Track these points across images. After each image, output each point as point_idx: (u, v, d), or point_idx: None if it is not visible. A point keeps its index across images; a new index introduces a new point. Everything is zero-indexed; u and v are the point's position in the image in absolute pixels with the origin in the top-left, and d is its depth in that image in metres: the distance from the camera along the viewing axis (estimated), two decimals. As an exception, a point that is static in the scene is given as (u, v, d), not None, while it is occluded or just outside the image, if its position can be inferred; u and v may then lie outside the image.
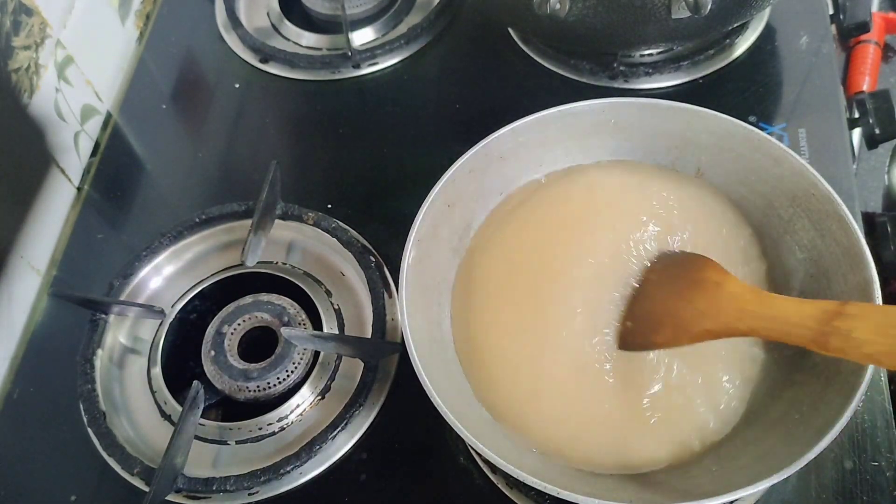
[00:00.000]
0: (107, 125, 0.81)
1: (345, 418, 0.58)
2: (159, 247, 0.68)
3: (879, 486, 0.53)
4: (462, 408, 0.50)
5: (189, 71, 0.85)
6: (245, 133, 0.79)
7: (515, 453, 0.49)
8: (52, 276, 0.71)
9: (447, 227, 0.56)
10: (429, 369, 0.48)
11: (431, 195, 0.54)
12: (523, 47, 0.80)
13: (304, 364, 0.61)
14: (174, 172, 0.77)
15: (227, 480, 0.56)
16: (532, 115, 0.56)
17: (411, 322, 0.50)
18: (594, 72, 0.76)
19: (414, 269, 0.52)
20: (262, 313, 0.62)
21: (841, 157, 0.68)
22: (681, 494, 0.46)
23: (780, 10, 0.79)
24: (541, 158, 0.59)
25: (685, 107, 0.56)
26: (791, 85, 0.74)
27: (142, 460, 0.57)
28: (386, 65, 0.81)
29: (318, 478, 0.58)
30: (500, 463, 0.44)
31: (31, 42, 0.70)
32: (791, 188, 0.53)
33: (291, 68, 0.82)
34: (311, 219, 0.68)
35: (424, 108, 0.79)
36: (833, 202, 0.50)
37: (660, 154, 0.58)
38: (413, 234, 0.52)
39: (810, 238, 0.53)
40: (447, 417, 0.46)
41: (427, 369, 0.48)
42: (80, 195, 0.76)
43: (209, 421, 0.60)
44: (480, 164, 0.56)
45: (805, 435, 0.45)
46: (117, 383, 0.63)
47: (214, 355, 0.61)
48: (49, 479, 0.60)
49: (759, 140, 0.54)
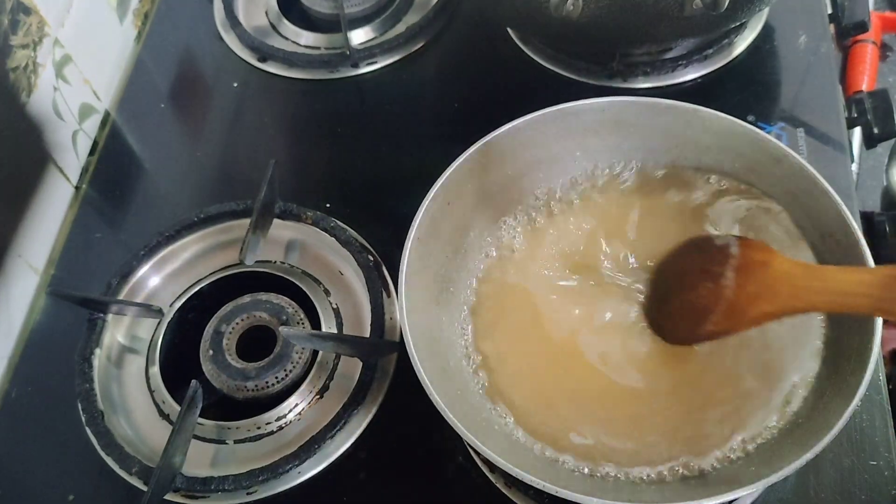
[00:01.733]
0: (105, 124, 0.81)
1: (343, 417, 0.57)
2: (158, 246, 0.68)
3: (878, 485, 0.53)
4: (461, 407, 0.50)
5: (187, 70, 0.85)
6: (243, 132, 0.79)
7: (515, 453, 0.49)
8: (49, 275, 0.71)
9: (447, 225, 0.56)
10: (428, 368, 0.48)
11: (431, 193, 0.54)
12: (522, 47, 0.80)
13: (303, 363, 0.61)
14: (172, 171, 0.77)
15: (226, 480, 0.56)
16: (531, 114, 0.56)
17: (410, 321, 0.49)
18: (593, 71, 0.76)
19: (413, 267, 0.52)
20: (261, 312, 0.62)
21: (839, 157, 0.68)
22: (680, 493, 0.46)
23: (779, 10, 0.79)
24: (540, 157, 0.59)
25: (685, 105, 0.56)
26: (790, 84, 0.74)
27: (140, 459, 0.57)
28: (384, 64, 0.81)
29: (317, 477, 0.58)
30: (499, 462, 0.44)
31: (29, 41, 0.70)
32: (790, 187, 0.53)
33: (290, 67, 0.82)
34: (309, 218, 0.68)
35: (423, 108, 0.79)
36: (832, 200, 0.50)
37: (659, 153, 0.58)
38: (412, 232, 0.52)
39: (809, 237, 0.53)
40: (447, 416, 0.45)
41: (426, 368, 0.47)
42: (78, 194, 0.76)
43: (207, 420, 0.60)
44: (480, 163, 0.56)
45: (804, 435, 0.45)
46: (115, 383, 0.63)
47: (213, 354, 0.60)
48: (47, 478, 0.60)
49: (759, 139, 0.54)
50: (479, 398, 0.52)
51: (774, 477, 0.42)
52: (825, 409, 0.46)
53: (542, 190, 0.60)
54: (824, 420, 0.44)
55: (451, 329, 0.55)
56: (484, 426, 0.50)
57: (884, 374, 0.57)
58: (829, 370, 0.48)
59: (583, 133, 0.58)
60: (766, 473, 0.42)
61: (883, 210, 0.72)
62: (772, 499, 0.54)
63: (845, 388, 0.45)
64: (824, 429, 0.43)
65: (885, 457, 0.54)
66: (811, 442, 0.43)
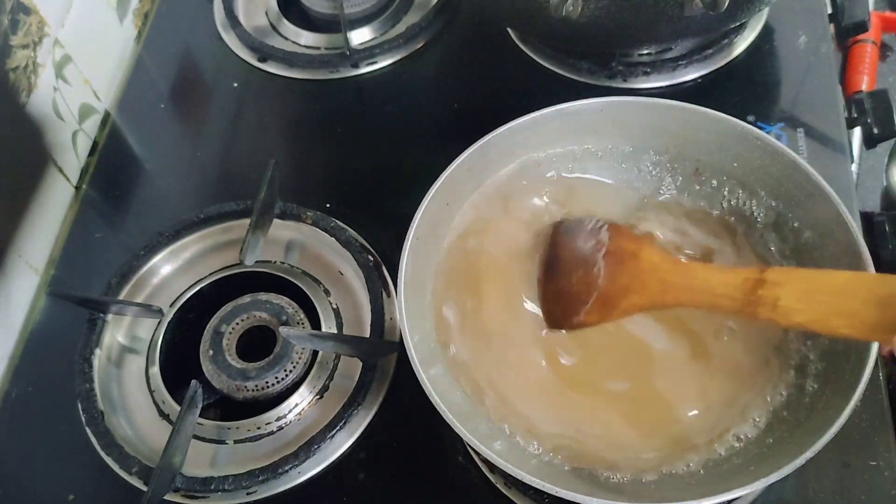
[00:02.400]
0: (105, 124, 0.81)
1: (343, 418, 0.57)
2: (157, 246, 0.68)
3: (877, 485, 0.53)
4: (461, 408, 0.50)
5: (187, 70, 0.85)
6: (243, 132, 0.79)
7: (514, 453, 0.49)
8: (50, 275, 0.71)
9: (445, 225, 0.56)
10: (427, 369, 0.48)
11: (429, 194, 0.54)
12: (522, 46, 0.80)
13: (303, 363, 0.61)
14: (173, 171, 0.77)
15: (226, 480, 0.56)
16: (530, 114, 0.56)
17: (409, 322, 0.50)
18: (592, 71, 0.76)
19: (412, 267, 0.52)
20: (261, 312, 0.62)
21: (839, 157, 0.68)
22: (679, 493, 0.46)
23: (779, 10, 0.79)
24: (539, 157, 0.59)
25: (683, 105, 0.56)
26: (789, 84, 0.74)
27: (140, 459, 0.57)
28: (384, 64, 0.81)
29: (317, 477, 0.58)
30: (499, 462, 0.44)
31: (29, 41, 0.70)
32: (789, 187, 0.53)
33: (290, 67, 0.82)
34: (309, 218, 0.68)
35: (423, 108, 0.79)
36: (832, 201, 0.50)
37: (658, 153, 0.58)
38: (411, 233, 0.52)
39: (808, 236, 0.53)
40: (447, 417, 0.46)
41: (426, 369, 0.48)
42: (78, 194, 0.76)
43: (207, 420, 0.60)
44: (478, 163, 0.56)
45: (805, 434, 0.45)
46: (115, 383, 0.63)
47: (213, 354, 0.60)
48: (47, 478, 0.60)
49: (758, 139, 0.54)
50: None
51: (775, 475, 0.42)
52: (825, 409, 0.46)
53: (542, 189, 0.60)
54: (824, 419, 0.44)
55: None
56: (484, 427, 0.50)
57: (884, 374, 0.57)
58: (829, 369, 0.48)
59: (582, 132, 0.58)
60: (766, 472, 0.42)
61: (882, 210, 0.72)
62: (771, 499, 0.54)
63: (845, 387, 0.45)
64: (824, 427, 0.43)
65: (885, 457, 0.54)
66: (811, 440, 0.43)
